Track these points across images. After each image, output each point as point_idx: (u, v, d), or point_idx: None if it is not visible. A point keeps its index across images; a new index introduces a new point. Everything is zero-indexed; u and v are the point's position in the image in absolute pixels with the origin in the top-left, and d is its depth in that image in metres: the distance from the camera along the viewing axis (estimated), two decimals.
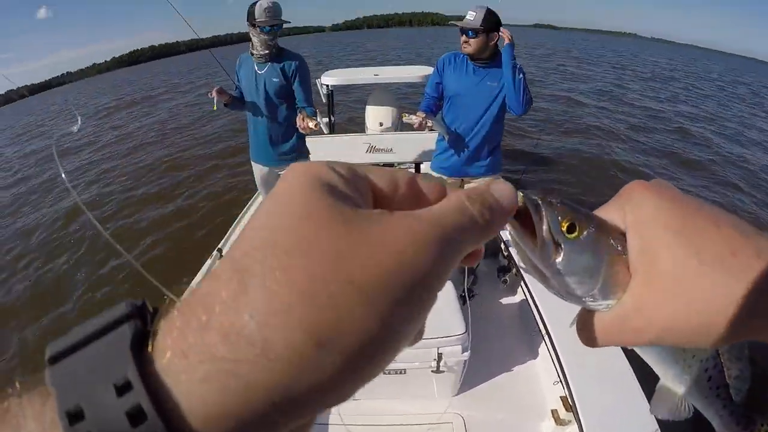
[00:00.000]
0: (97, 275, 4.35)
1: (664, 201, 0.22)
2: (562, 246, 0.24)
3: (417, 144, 3.44)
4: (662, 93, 14.69)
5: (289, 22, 2.40)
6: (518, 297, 2.48)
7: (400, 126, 3.87)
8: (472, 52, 2.22)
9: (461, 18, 2.24)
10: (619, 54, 36.30)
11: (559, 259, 0.24)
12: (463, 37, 2.20)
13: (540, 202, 0.24)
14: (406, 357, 1.61)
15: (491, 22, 2.15)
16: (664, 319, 0.21)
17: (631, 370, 1.52)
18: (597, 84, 15.12)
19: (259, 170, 2.65)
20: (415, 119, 2.24)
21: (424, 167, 3.75)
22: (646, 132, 8.60)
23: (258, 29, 2.23)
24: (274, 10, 2.23)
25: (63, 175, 1.43)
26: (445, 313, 1.72)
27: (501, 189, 0.21)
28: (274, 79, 2.36)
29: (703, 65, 36.78)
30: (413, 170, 3.72)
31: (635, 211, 0.23)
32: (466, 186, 2.53)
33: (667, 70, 25.38)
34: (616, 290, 0.23)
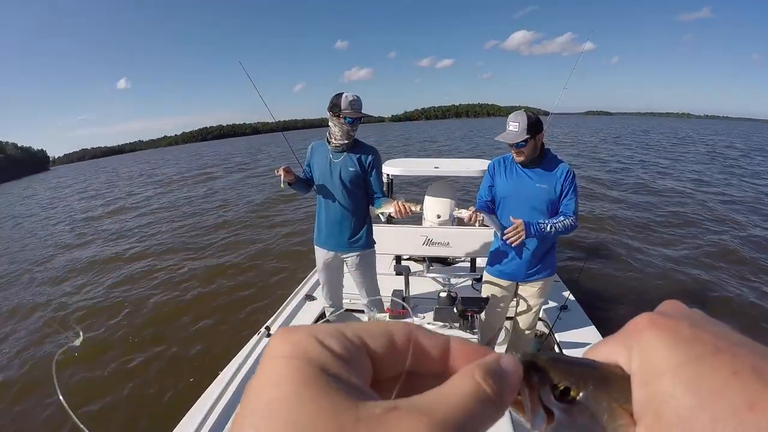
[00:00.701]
0: None
1: (675, 343, 0.20)
2: (555, 413, 0.22)
3: (474, 239, 3.38)
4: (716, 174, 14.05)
5: (370, 116, 2.50)
6: None
7: (457, 219, 3.86)
8: (525, 160, 2.21)
9: (512, 108, 2.25)
10: (672, 136, 36.24)
11: (552, 426, 0.22)
12: (514, 148, 2.19)
13: (528, 366, 0.22)
14: None
15: (534, 125, 2.14)
16: None
17: None
18: (653, 174, 14.07)
19: (323, 254, 2.59)
20: (465, 213, 2.15)
21: (480, 262, 3.64)
22: (700, 225, 8.04)
23: (342, 119, 2.32)
24: (359, 103, 2.34)
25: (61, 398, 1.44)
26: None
27: (509, 362, 0.20)
28: (350, 168, 2.41)
29: (759, 138, 36.32)
30: (469, 264, 3.61)
31: (642, 355, 0.20)
32: (520, 290, 2.45)
33: (720, 147, 25.03)
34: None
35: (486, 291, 2.51)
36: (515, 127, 2.12)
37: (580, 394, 0.21)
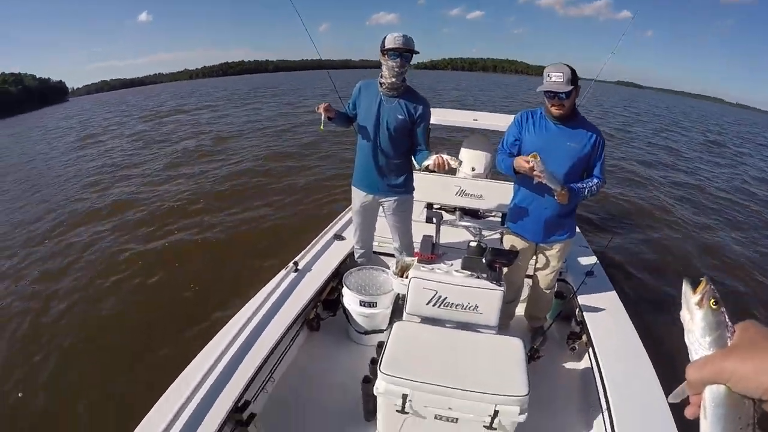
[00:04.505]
0: None
1: (757, 328, 0.45)
2: (705, 306, 0.48)
3: (507, 194, 3.24)
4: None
5: (418, 53, 2.31)
6: (583, 365, 2.42)
7: (491, 173, 3.76)
8: (565, 113, 2.09)
9: (541, 68, 2.13)
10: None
11: (702, 310, 0.48)
12: (555, 100, 2.04)
13: (712, 285, 0.49)
14: (462, 407, 1.58)
15: (575, 76, 2.01)
16: (732, 367, 0.42)
17: None
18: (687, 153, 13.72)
19: (362, 197, 2.58)
20: (535, 163, 1.99)
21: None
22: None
23: (387, 57, 2.24)
24: (403, 39, 2.23)
25: None
26: (510, 370, 1.66)
27: None
28: (399, 116, 2.34)
29: None
30: (500, 219, 3.54)
31: (742, 325, 0.46)
32: (540, 249, 2.37)
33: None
34: (719, 344, 0.47)
35: (507, 245, 2.48)
36: (559, 77, 1.99)
37: (720, 309, 0.48)
